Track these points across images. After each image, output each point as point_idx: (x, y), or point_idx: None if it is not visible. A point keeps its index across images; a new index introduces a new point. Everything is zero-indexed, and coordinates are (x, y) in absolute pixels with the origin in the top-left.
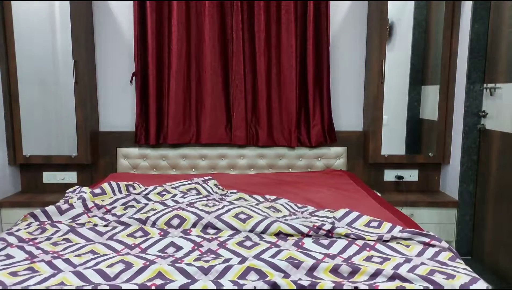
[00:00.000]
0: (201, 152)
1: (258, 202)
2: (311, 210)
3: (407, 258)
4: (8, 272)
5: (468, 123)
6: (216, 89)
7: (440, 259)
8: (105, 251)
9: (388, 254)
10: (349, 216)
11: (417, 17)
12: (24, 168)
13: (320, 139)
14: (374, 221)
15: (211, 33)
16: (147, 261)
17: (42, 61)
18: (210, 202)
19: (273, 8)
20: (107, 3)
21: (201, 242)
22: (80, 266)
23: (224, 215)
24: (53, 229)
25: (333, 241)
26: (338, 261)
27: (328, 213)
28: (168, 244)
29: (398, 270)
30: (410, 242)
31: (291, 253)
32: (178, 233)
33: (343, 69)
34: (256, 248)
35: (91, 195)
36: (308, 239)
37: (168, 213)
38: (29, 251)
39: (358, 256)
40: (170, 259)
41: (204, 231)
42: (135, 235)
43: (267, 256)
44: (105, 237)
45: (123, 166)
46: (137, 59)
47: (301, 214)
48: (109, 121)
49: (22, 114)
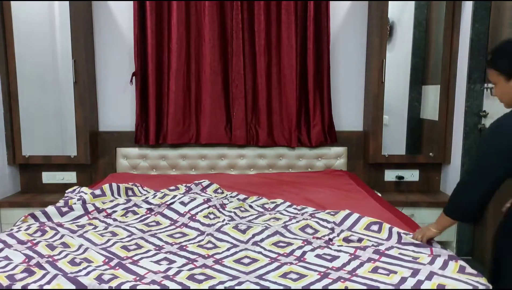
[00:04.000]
0: (201, 152)
1: (258, 215)
2: (311, 211)
3: (415, 270)
4: (5, 275)
5: (468, 123)
6: (216, 89)
7: (448, 274)
8: (98, 260)
9: (394, 264)
10: (349, 219)
11: (418, 16)
12: (23, 168)
13: (321, 139)
14: (374, 224)
15: (211, 32)
16: (137, 276)
17: (41, 61)
18: (212, 215)
19: (273, 7)
20: (107, 3)
21: (196, 258)
22: (71, 274)
23: (224, 227)
24: (52, 231)
25: (336, 256)
26: (342, 273)
27: (329, 217)
28: (162, 259)
29: (406, 282)
30: (415, 253)
31: (291, 267)
32: (174, 248)
33: (343, 69)
34: (254, 264)
35: (91, 196)
36: (311, 254)
37: (172, 230)
38: (27, 253)
39: (363, 268)
40: (161, 275)
41: (201, 246)
42: (129, 247)
43: (266, 271)
44: (99, 247)
45: (123, 166)
46: (137, 59)
47: (301, 216)
48: (109, 121)
49: (21, 114)
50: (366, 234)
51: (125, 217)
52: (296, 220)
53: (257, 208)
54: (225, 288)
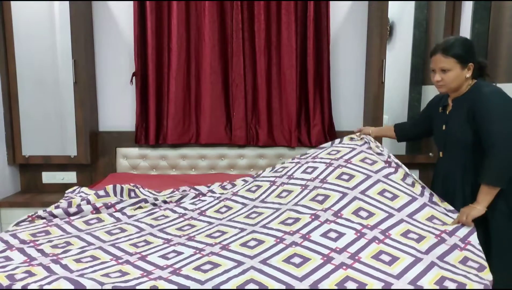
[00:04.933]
0: (201, 152)
1: (270, 189)
2: (323, 176)
3: (417, 258)
4: (5, 275)
5: None
6: (216, 89)
7: (450, 261)
8: (104, 257)
9: (397, 248)
10: (363, 183)
11: (418, 16)
12: (23, 168)
13: (321, 139)
14: (389, 192)
15: (211, 32)
16: (144, 271)
17: (41, 61)
18: (224, 208)
19: (273, 8)
20: (107, 3)
21: (204, 247)
22: (77, 272)
23: (236, 217)
24: (58, 231)
25: (341, 234)
26: (344, 257)
27: (342, 182)
28: (170, 251)
29: (407, 274)
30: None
31: (295, 249)
32: (182, 240)
33: (343, 69)
34: (260, 247)
35: (95, 197)
36: (316, 232)
37: (180, 222)
38: (29, 254)
39: (366, 251)
40: (169, 269)
41: (210, 235)
42: (137, 244)
43: (270, 254)
44: (107, 244)
45: (123, 166)
46: (137, 59)
47: (313, 182)
48: (109, 121)
49: (21, 114)
50: (378, 199)
51: (133, 210)
52: (308, 190)
53: (268, 179)
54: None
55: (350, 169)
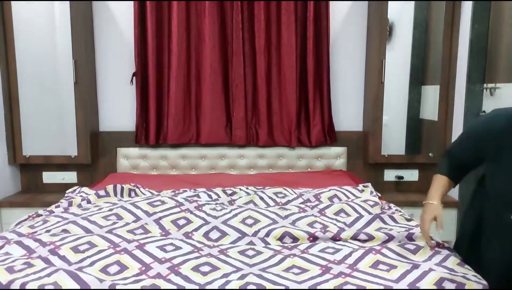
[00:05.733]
0: (201, 152)
1: (267, 206)
2: (322, 206)
3: (414, 264)
4: (5, 268)
5: (468, 123)
6: (216, 89)
7: (448, 265)
8: (102, 244)
9: (394, 259)
10: (359, 221)
11: (417, 17)
12: (24, 168)
13: (320, 139)
14: (384, 228)
15: (211, 33)
16: (143, 265)
17: (42, 61)
18: (219, 206)
19: (273, 8)
20: (107, 3)
21: (202, 247)
22: (75, 264)
23: (231, 220)
24: (55, 219)
25: (338, 249)
26: (343, 267)
27: (339, 217)
28: (168, 244)
29: (406, 278)
30: None
31: (294, 261)
32: (180, 235)
33: (343, 69)
34: (259, 257)
35: (95, 197)
36: (314, 248)
37: (176, 213)
38: (27, 245)
39: (364, 261)
40: (167, 264)
41: (207, 236)
42: (135, 231)
43: (268, 265)
44: (104, 230)
45: (123, 166)
46: (137, 59)
47: (311, 210)
48: (109, 121)
49: (22, 114)
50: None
51: (129, 197)
52: (305, 214)
53: (267, 200)
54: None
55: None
